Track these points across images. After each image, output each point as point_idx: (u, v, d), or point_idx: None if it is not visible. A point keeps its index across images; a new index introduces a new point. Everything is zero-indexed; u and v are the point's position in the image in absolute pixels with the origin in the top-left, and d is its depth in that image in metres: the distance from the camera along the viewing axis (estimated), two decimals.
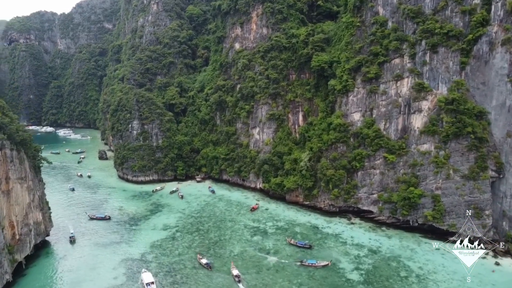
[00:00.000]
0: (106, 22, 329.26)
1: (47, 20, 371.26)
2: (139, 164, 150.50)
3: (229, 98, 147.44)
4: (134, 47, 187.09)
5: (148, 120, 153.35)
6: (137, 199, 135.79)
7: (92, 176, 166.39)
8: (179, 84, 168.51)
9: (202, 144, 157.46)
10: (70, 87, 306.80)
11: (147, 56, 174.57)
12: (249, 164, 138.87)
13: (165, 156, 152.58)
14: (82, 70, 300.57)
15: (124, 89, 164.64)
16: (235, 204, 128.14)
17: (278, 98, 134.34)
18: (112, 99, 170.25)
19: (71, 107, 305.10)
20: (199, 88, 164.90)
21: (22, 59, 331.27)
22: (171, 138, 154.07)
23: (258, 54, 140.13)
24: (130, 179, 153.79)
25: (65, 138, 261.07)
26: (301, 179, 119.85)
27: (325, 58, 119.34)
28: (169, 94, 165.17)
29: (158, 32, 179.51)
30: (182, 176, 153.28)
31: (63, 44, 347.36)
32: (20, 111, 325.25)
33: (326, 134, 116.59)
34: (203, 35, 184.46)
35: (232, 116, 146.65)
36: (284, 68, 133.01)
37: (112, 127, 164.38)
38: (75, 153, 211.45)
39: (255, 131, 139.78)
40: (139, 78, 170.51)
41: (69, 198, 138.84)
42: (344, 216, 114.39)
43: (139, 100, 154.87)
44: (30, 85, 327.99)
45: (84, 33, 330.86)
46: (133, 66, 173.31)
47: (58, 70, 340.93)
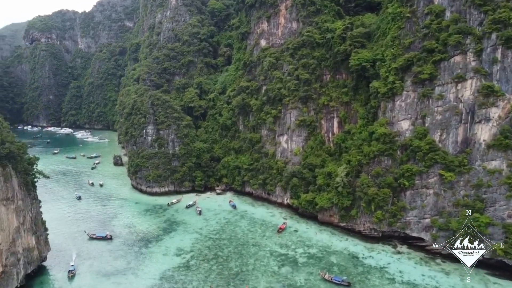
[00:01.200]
0: (127, 20, 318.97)
1: (69, 19, 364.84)
2: (154, 174, 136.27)
3: (253, 101, 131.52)
4: (151, 45, 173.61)
5: (164, 125, 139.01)
6: (150, 214, 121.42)
7: (104, 184, 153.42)
8: (198, 85, 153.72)
9: (223, 152, 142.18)
10: (90, 88, 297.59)
11: (165, 54, 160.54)
12: (276, 177, 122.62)
13: (182, 165, 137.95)
14: (102, 70, 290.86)
15: (139, 91, 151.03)
16: (259, 223, 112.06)
17: (309, 102, 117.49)
18: (127, 102, 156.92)
19: (90, 108, 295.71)
20: (220, 90, 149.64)
21: (42, 58, 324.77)
22: (189, 145, 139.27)
23: (286, 52, 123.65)
24: (144, 189, 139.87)
25: (83, 141, 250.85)
26: (337, 196, 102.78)
27: (367, 56, 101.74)
28: (188, 96, 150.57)
29: (176, 29, 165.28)
30: (200, 187, 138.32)
31: (83, 43, 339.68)
32: (40, 112, 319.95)
33: (367, 145, 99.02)
34: (225, 31, 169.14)
35: (257, 121, 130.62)
36: (317, 67, 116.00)
37: (126, 132, 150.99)
38: (90, 158, 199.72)
39: (283, 139, 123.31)
40: (156, 79, 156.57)
41: (75, 210, 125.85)
42: (388, 243, 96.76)
43: (154, 103, 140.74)
44: (50, 85, 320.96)
45: (104, 31, 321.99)
46: (149, 66, 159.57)
47: (78, 70, 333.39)
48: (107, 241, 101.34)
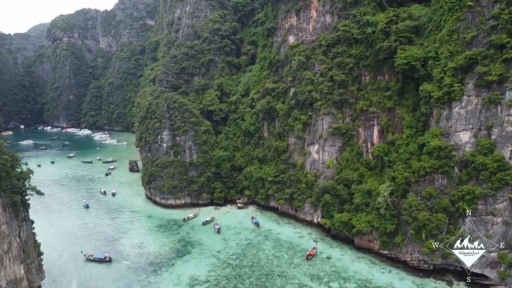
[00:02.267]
0: (148, 18, 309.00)
1: (91, 18, 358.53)
2: (169, 184, 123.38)
3: (280, 105, 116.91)
4: (169, 43, 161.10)
5: (181, 131, 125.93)
6: (163, 231, 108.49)
7: (117, 193, 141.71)
8: (219, 87, 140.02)
9: (245, 161, 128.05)
10: (109, 88, 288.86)
11: (183, 53, 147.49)
12: (305, 191, 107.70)
13: (200, 175, 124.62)
14: (122, 70, 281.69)
15: (154, 93, 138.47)
16: (285, 246, 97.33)
17: (345, 107, 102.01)
18: (142, 104, 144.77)
19: (109, 109, 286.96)
20: (243, 92, 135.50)
21: (63, 58, 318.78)
22: (208, 153, 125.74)
23: (319, 50, 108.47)
24: (158, 201, 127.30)
25: (100, 143, 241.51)
26: (378, 219, 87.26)
27: (417, 53, 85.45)
28: (207, 99, 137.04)
29: (196, 25, 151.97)
30: (220, 199, 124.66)
31: (104, 43, 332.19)
32: (60, 113, 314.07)
33: (417, 160, 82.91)
34: (249, 27, 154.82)
35: (284, 128, 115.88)
36: (355, 67, 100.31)
37: (140, 137, 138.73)
38: (105, 163, 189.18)
39: (313, 148, 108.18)
40: (173, 80, 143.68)
41: (82, 223, 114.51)
42: (441, 278, 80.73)
43: (170, 106, 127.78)
44: (70, 85, 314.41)
45: (126, 30, 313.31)
46: (166, 65, 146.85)
47: (99, 70, 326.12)
48: (107, 264, 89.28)
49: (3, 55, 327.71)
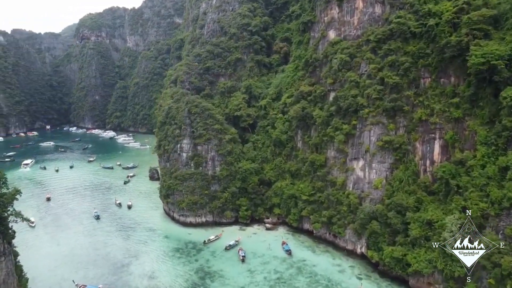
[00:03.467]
0: (176, 16, 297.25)
1: (119, 16, 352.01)
2: (188, 200, 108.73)
3: (317, 112, 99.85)
4: (193, 40, 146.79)
5: (203, 139, 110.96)
6: (180, 256, 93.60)
7: (133, 206, 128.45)
8: (247, 89, 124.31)
9: (275, 175, 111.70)
10: (135, 88, 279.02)
11: (208, 51, 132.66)
12: (346, 215, 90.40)
13: (224, 190, 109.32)
14: (148, 70, 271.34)
15: (175, 95, 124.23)
16: (323, 283, 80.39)
17: (398, 115, 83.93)
18: (161, 108, 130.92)
19: (135, 110, 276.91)
20: (274, 96, 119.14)
21: (90, 57, 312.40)
22: (233, 165, 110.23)
23: (366, 46, 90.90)
24: (177, 218, 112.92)
25: (123, 147, 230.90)
26: (443, 259, 69.02)
27: (498, 50, 66.62)
28: (234, 103, 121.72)
29: (223, 20, 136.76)
30: (246, 218, 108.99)
31: (131, 41, 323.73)
32: (85, 113, 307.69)
33: (497, 187, 64.13)
34: (282, 22, 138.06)
35: (321, 138, 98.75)
36: (412, 67, 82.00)
37: (159, 144, 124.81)
38: (125, 169, 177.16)
39: (357, 164, 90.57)
40: (196, 81, 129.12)
41: (90, 242, 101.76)
42: None
43: (191, 111, 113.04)
44: (96, 85, 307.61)
45: (153, 29, 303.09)
46: (189, 65, 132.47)
47: (126, 69, 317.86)
48: None
49: (31, 54, 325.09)
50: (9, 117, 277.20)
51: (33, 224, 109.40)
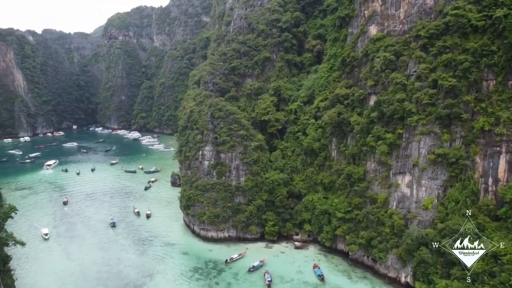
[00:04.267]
0: (204, 15, 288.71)
1: (146, 15, 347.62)
2: (210, 213, 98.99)
3: (355, 118, 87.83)
4: (218, 38, 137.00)
5: (226, 147, 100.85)
6: (198, 277, 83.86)
7: (152, 215, 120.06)
8: (276, 91, 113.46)
9: (306, 187, 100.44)
10: (161, 88, 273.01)
11: (234, 49, 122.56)
12: (388, 238, 78.19)
13: (249, 203, 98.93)
14: (174, 70, 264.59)
15: (198, 97, 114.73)
16: None
17: (455, 124, 70.95)
18: (183, 111, 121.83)
19: (160, 110, 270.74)
20: (306, 99, 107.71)
21: (116, 57, 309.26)
22: (259, 175, 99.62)
23: (415, 43, 78.40)
24: (197, 231, 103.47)
25: (147, 149, 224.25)
26: None
27: None
28: (261, 106, 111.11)
29: (251, 16, 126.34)
30: (272, 235, 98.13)
31: (158, 41, 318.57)
32: (112, 113, 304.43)
33: None
34: (315, 18, 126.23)
35: (360, 148, 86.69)
36: (472, 67, 68.87)
37: (180, 150, 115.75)
38: (147, 173, 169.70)
39: (403, 180, 78.09)
40: (221, 81, 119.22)
41: (103, 257, 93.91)
42: None
43: (214, 114, 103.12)
44: (123, 85, 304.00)
45: (180, 28, 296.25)
46: (213, 64, 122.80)
47: (152, 69, 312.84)
48: None
49: (60, 54, 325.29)
50: (36, 116, 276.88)
51: (46, 236, 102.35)
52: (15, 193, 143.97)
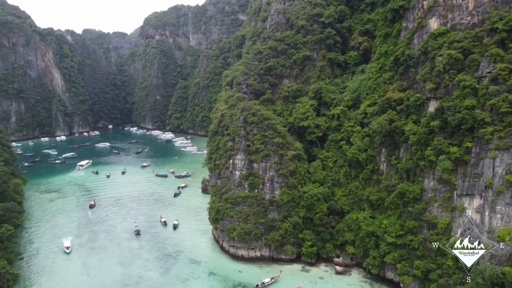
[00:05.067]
0: (240, 13, 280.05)
1: (183, 14, 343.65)
2: (241, 229, 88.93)
3: (410, 127, 74.89)
4: (254, 36, 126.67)
5: (260, 156, 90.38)
6: None
7: (179, 226, 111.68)
8: (316, 94, 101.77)
9: (349, 203, 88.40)
10: (195, 89, 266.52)
11: (270, 48, 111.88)
12: (451, 272, 64.99)
13: (284, 219, 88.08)
14: (209, 69, 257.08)
15: (230, 100, 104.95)
16: None
17: None
18: (214, 114, 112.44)
19: (194, 111, 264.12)
20: (351, 103, 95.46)
21: (152, 56, 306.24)
22: (296, 189, 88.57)
23: (489, 38, 64.91)
24: (226, 248, 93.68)
25: (180, 151, 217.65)
26: None
27: None
28: (300, 111, 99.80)
29: (290, 10, 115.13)
30: (310, 256, 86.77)
31: (194, 40, 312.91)
32: (146, 113, 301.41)
33: None
34: (362, 12, 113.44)
35: (416, 162, 73.73)
36: None
37: (210, 157, 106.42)
38: (178, 177, 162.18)
39: (471, 203, 64.66)
40: (255, 83, 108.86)
41: (121, 277, 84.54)
42: None
43: (247, 119, 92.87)
44: (158, 84, 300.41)
45: (216, 26, 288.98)
46: (248, 64, 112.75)
47: (187, 69, 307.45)
48: None
49: (97, 54, 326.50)
50: (73, 116, 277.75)
51: (68, 250, 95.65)
52: (43, 196, 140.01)
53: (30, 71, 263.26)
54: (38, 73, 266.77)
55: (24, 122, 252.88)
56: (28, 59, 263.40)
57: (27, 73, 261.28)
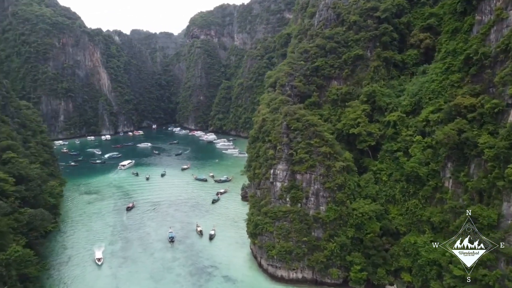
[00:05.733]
0: (287, 11, 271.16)
1: (229, 13, 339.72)
2: (281, 247, 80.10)
3: (485, 139, 62.61)
4: (300, 33, 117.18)
5: (304, 166, 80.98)
6: None
7: (216, 236, 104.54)
8: (369, 97, 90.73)
9: (406, 223, 77.04)
10: (239, 89, 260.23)
11: (318, 46, 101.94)
12: None
13: (330, 239, 78.14)
14: (252, 69, 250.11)
15: (272, 103, 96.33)
16: None
17: None
18: (255, 118, 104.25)
19: (237, 112, 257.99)
20: (410, 108, 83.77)
21: (196, 56, 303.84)
22: (345, 205, 78.39)
23: None
24: (265, 267, 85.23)
25: (221, 153, 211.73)
26: None
27: None
28: (350, 116, 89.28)
29: (340, 4, 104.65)
30: (359, 282, 76.23)
31: (239, 39, 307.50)
32: (189, 114, 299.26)
33: None
34: (423, 6, 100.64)
35: (492, 181, 61.48)
36: None
37: (249, 165, 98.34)
38: (218, 182, 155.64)
39: None
40: (301, 85, 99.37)
41: None
42: None
43: (291, 125, 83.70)
44: (201, 85, 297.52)
45: (261, 25, 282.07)
46: (292, 64, 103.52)
47: (231, 69, 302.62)
48: None
49: (143, 54, 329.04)
50: (118, 115, 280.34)
51: (100, 262, 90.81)
52: (82, 197, 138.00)
53: (79, 71, 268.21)
54: (86, 72, 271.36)
55: (72, 121, 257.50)
56: (77, 59, 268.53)
57: (76, 72, 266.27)
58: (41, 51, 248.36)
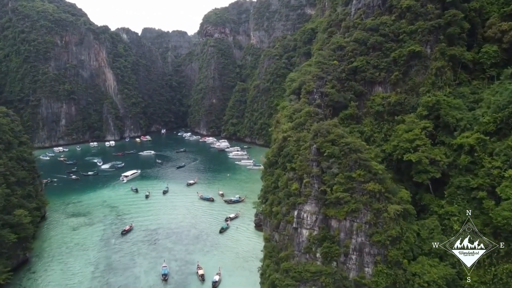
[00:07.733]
0: (308, 6, 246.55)
1: (245, 10, 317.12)
2: None
3: None
4: (331, 25, 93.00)
5: (343, 210, 56.86)
6: None
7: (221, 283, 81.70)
8: (431, 110, 66.21)
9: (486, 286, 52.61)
10: (255, 92, 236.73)
11: (357, 41, 77.83)
12: None
13: None
14: (270, 70, 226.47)
15: (296, 116, 72.41)
16: None
17: None
18: (273, 134, 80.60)
19: (252, 117, 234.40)
20: (493, 127, 58.72)
21: (209, 56, 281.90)
22: (401, 266, 54.13)
23: None
24: None
25: (234, 164, 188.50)
26: None
27: None
28: (403, 136, 64.93)
29: None
30: None
31: (255, 38, 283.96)
32: (201, 118, 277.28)
33: None
34: None
35: None
36: None
37: (264, 197, 74.76)
38: (228, 203, 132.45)
39: None
40: (333, 91, 75.34)
41: None
42: None
43: (322, 149, 59.82)
44: (214, 87, 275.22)
45: (280, 22, 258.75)
46: (322, 64, 79.52)
47: (247, 70, 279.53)
48: None
49: (153, 53, 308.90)
50: (124, 119, 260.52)
51: None
52: (68, 221, 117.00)
53: (83, 71, 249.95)
54: (90, 73, 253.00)
55: (74, 126, 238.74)
56: (81, 58, 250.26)
57: (79, 73, 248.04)
58: (41, 50, 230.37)
